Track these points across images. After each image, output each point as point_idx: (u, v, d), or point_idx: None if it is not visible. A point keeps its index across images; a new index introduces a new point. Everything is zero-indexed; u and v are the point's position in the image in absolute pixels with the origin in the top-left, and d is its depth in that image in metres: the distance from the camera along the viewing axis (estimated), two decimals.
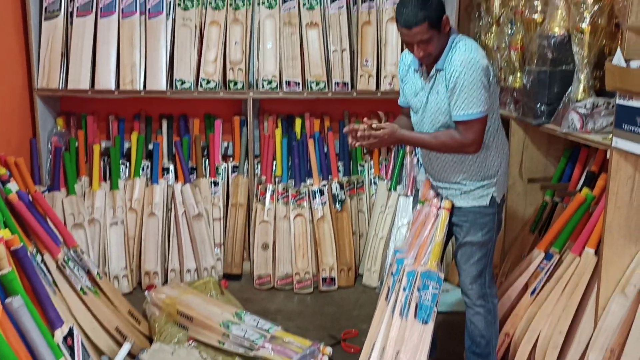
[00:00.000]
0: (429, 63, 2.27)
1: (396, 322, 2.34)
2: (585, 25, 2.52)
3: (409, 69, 2.41)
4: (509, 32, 3.22)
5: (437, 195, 2.47)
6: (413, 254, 2.43)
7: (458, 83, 2.17)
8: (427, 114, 2.34)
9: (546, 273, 2.64)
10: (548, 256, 2.68)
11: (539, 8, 2.90)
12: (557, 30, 2.69)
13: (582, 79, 2.59)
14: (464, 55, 2.18)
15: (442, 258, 2.42)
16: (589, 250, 2.48)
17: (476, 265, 2.40)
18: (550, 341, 2.47)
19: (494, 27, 3.48)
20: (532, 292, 2.65)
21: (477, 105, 2.18)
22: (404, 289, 2.36)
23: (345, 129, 2.30)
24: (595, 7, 2.50)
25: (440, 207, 2.42)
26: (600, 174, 2.76)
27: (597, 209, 2.55)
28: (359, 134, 2.27)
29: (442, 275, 2.35)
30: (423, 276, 2.33)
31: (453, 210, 2.40)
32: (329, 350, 2.82)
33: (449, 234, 2.45)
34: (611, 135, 2.24)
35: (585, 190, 2.70)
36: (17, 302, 1.94)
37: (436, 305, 2.31)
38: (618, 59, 2.13)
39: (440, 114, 2.29)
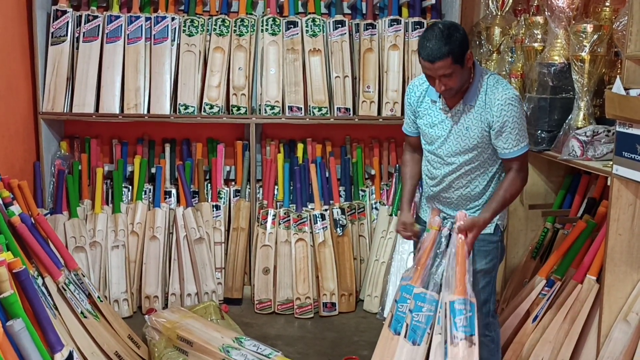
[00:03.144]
0: (449, 97, 2.26)
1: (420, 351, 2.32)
2: (584, 54, 2.56)
3: (424, 99, 2.37)
4: (510, 60, 3.26)
5: (443, 220, 2.46)
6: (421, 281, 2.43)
7: (509, 121, 2.18)
8: (448, 146, 2.31)
9: (548, 300, 2.63)
10: (549, 283, 2.68)
11: (539, 37, 2.94)
12: (557, 58, 2.73)
13: (582, 106, 2.61)
14: (508, 93, 2.19)
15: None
16: (591, 278, 2.47)
17: (481, 294, 2.39)
18: None
19: (494, 55, 3.53)
20: (534, 319, 2.64)
21: (525, 138, 2.24)
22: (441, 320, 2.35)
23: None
24: (595, 36, 2.53)
25: (451, 231, 2.40)
26: (601, 200, 2.77)
27: (598, 235, 2.55)
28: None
29: (473, 300, 2.34)
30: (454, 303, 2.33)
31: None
32: None
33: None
34: (612, 162, 2.25)
35: (587, 217, 2.71)
36: (18, 325, 1.93)
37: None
38: (617, 87, 2.15)
39: (467, 149, 2.27)
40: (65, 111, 3.65)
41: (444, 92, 2.20)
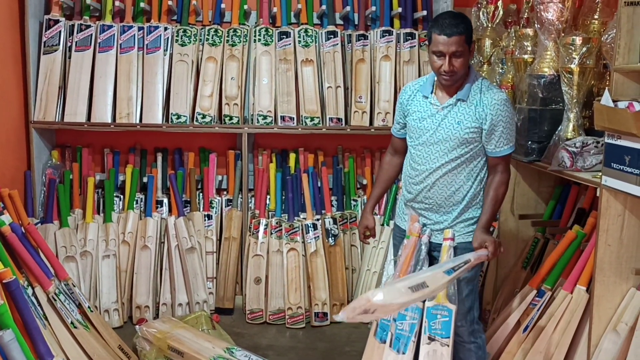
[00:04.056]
0: (450, 84, 2.31)
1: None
2: (574, 66, 2.58)
3: (415, 96, 2.43)
4: (500, 71, 3.29)
5: (422, 227, 2.48)
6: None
7: (501, 121, 2.29)
8: (436, 140, 2.35)
9: (538, 310, 2.64)
10: (540, 293, 2.69)
11: (529, 49, 2.97)
12: (547, 70, 2.75)
13: (571, 118, 2.64)
14: (501, 95, 2.32)
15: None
16: (581, 288, 2.49)
17: (465, 302, 2.40)
18: None
19: (485, 66, 3.55)
20: (525, 329, 2.65)
21: (513, 140, 2.37)
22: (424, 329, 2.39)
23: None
24: (584, 49, 2.56)
25: (421, 236, 2.44)
26: (591, 211, 2.79)
27: (587, 246, 2.57)
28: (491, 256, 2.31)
29: (452, 306, 2.38)
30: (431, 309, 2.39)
31: (436, 246, 2.43)
32: None
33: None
34: (601, 173, 2.27)
35: (576, 227, 2.73)
36: (8, 335, 1.93)
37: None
38: (606, 99, 2.17)
39: (456, 144, 2.32)
40: (57, 120, 3.64)
41: (449, 75, 2.26)
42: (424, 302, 2.40)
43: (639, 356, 2.17)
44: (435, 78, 2.36)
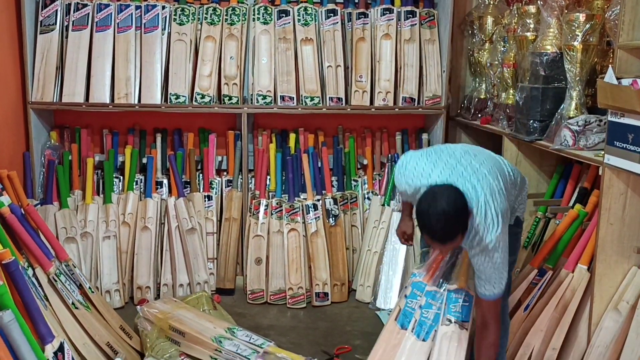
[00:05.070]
0: None
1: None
2: (577, 43, 2.55)
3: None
4: (502, 50, 3.25)
5: None
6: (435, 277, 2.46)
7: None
8: None
9: (539, 289, 2.64)
10: (541, 272, 2.69)
11: (532, 26, 2.94)
12: (550, 48, 2.72)
13: (574, 96, 2.61)
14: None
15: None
16: (582, 267, 2.49)
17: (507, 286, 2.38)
18: (544, 357, 2.47)
19: (487, 45, 3.52)
20: (526, 308, 2.65)
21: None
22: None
23: None
24: (587, 26, 2.53)
25: None
26: (593, 190, 2.78)
27: (589, 225, 2.56)
28: None
29: (472, 292, 2.36)
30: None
31: None
32: None
33: None
34: (603, 152, 2.25)
35: (578, 206, 2.72)
36: (8, 316, 1.92)
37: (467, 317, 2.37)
38: (609, 76, 2.15)
39: None
40: (54, 101, 3.61)
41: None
42: (443, 287, 2.42)
43: None
44: None
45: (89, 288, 2.86)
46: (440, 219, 1.93)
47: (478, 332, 2.19)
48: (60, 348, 2.14)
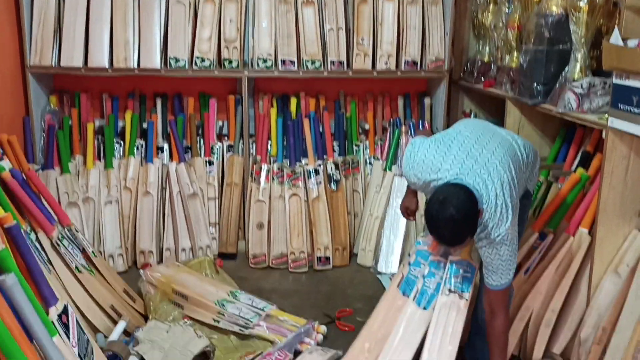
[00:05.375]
0: None
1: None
2: (583, 4, 2.50)
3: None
4: (507, 11, 3.20)
5: None
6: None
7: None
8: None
9: (540, 252, 2.65)
10: (542, 236, 2.69)
11: None
12: (555, 9, 2.67)
13: (579, 58, 2.57)
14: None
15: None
16: (583, 230, 2.49)
17: None
18: (543, 319, 2.49)
19: (491, 6, 3.46)
20: (526, 272, 2.66)
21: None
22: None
23: None
24: None
25: None
26: (595, 154, 2.76)
27: (591, 188, 2.55)
28: None
29: (474, 264, 2.38)
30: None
31: None
32: (323, 328, 2.84)
33: None
34: (607, 115, 2.23)
35: (580, 170, 2.71)
36: (11, 279, 1.93)
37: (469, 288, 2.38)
38: (615, 38, 2.11)
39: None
40: (53, 65, 3.57)
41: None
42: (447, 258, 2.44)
43: (639, 297, 2.18)
44: None
45: (92, 252, 2.88)
46: (448, 225, 1.91)
47: (487, 321, 2.20)
48: (65, 310, 2.16)
